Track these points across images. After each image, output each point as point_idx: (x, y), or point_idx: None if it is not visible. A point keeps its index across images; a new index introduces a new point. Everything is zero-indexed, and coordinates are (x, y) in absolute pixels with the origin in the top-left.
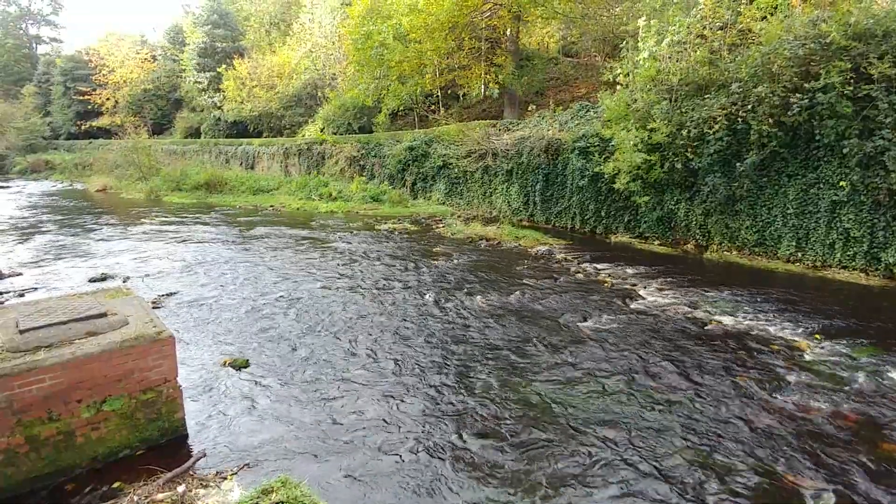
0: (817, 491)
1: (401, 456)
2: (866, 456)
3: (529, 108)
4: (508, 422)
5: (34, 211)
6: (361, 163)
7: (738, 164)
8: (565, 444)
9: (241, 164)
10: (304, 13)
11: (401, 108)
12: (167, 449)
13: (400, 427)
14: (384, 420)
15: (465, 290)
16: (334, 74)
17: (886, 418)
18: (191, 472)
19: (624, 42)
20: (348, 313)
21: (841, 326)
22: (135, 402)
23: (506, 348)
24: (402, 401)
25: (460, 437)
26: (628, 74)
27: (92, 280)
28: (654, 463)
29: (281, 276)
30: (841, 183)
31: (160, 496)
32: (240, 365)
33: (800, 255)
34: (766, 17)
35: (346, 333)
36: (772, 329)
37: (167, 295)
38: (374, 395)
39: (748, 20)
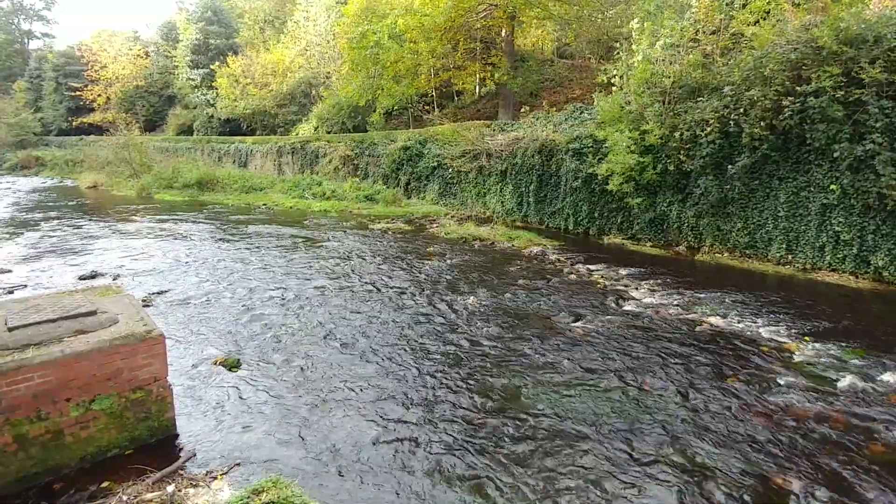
0: (806, 492)
1: (392, 455)
2: (854, 457)
3: (524, 110)
4: (500, 422)
5: (24, 207)
6: (355, 162)
7: (729, 166)
8: (553, 444)
9: (234, 162)
10: (299, 11)
11: (395, 107)
12: (157, 448)
13: (393, 427)
14: (375, 421)
15: (458, 290)
16: (329, 73)
17: (874, 419)
18: (180, 472)
19: (618, 44)
20: (340, 312)
21: (830, 329)
22: (124, 401)
23: (498, 348)
24: (394, 401)
25: (452, 435)
26: (622, 77)
27: (82, 277)
28: (642, 464)
29: (273, 275)
30: (831, 186)
31: (149, 496)
32: (231, 364)
33: (790, 257)
34: (758, 22)
35: (337, 333)
36: (762, 331)
37: (158, 293)
38: (365, 395)
39: (741, 24)
